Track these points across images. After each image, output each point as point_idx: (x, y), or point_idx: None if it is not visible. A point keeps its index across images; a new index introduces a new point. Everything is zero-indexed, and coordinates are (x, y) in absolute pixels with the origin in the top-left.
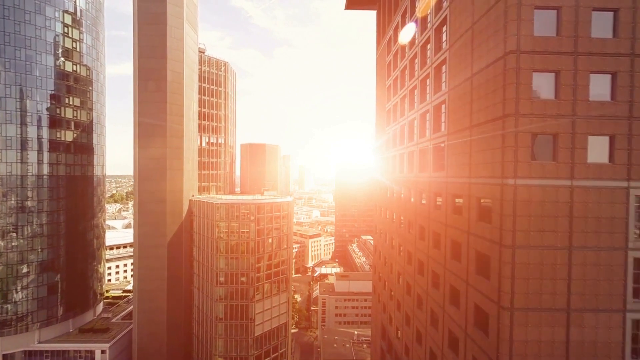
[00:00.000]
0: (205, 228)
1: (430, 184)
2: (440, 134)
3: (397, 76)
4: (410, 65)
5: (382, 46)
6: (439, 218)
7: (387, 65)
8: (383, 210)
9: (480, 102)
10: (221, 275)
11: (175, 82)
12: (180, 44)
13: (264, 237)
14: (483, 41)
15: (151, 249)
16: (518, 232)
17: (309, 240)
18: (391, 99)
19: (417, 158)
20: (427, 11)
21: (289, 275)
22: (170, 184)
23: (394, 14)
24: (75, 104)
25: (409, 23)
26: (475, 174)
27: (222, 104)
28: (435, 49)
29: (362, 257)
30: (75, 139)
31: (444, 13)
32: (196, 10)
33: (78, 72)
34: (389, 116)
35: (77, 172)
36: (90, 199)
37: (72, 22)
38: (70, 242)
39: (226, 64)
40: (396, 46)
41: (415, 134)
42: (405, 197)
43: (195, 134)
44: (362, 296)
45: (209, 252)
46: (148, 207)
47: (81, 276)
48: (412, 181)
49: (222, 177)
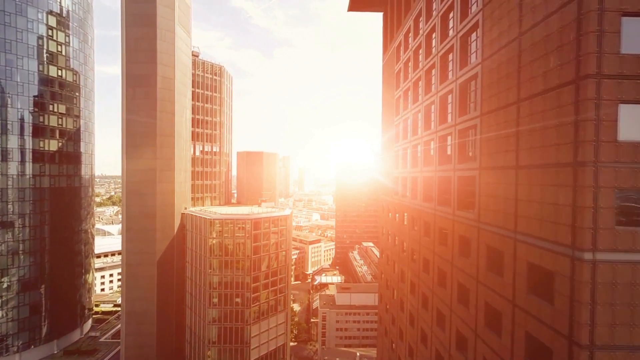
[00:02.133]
0: (197, 244)
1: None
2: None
3: (409, 87)
4: (425, 78)
5: (390, 52)
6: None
7: (396, 75)
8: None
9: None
10: (214, 295)
11: (166, 89)
12: (172, 48)
13: (261, 255)
14: None
15: (140, 267)
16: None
17: (309, 246)
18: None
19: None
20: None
21: (287, 293)
22: (160, 198)
23: (404, 17)
24: (60, 111)
25: (425, 28)
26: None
27: (217, 110)
28: (461, 61)
29: (364, 266)
30: (61, 148)
31: (475, 17)
32: (189, 12)
33: (63, 77)
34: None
35: (63, 183)
36: (77, 210)
37: (57, 24)
38: (55, 258)
39: (221, 68)
40: (407, 53)
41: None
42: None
43: (188, 142)
44: (364, 309)
45: (201, 270)
46: (136, 223)
47: (68, 293)
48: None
49: (217, 187)
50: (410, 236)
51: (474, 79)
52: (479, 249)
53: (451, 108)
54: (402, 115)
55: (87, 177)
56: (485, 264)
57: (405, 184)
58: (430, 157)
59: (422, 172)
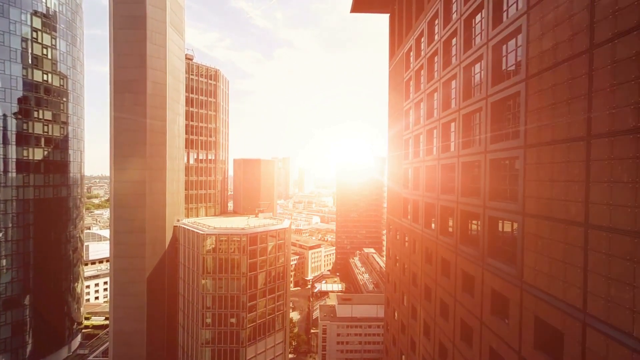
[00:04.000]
0: (190, 260)
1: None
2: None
3: (422, 99)
4: (443, 91)
5: (399, 57)
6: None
7: (405, 84)
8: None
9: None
10: (208, 316)
11: (157, 95)
12: (163, 51)
13: (258, 272)
14: None
15: (128, 285)
16: None
17: (309, 251)
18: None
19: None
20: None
21: (286, 310)
22: (150, 211)
23: (415, 19)
24: (46, 118)
25: (442, 33)
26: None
27: (212, 116)
28: (493, 75)
29: (365, 274)
30: (47, 157)
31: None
32: (182, 13)
33: (50, 81)
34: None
35: (49, 194)
36: (65, 222)
37: (42, 25)
38: (41, 272)
39: (217, 72)
40: (419, 60)
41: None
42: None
43: (181, 151)
44: (367, 322)
45: (194, 287)
46: (124, 238)
47: (55, 308)
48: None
49: (212, 196)
50: (423, 270)
51: (511, 99)
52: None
53: (479, 130)
54: (413, 131)
55: (75, 186)
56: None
57: (417, 208)
58: (452, 183)
59: (440, 200)
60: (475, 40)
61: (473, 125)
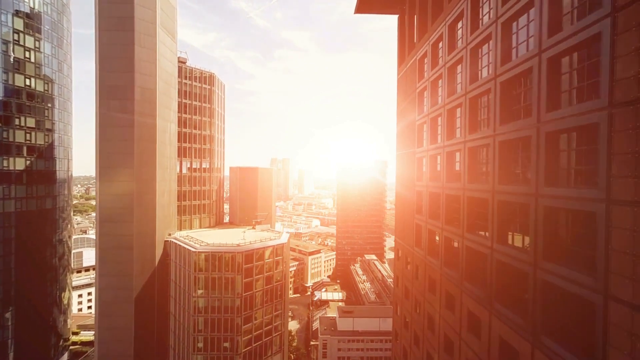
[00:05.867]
0: (181, 278)
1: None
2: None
3: (440, 115)
4: (470, 108)
5: (410, 63)
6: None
7: (418, 95)
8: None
9: None
10: (199, 340)
11: (146, 101)
12: (153, 55)
13: (254, 292)
14: None
15: (115, 305)
16: None
17: (309, 257)
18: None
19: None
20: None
21: (284, 331)
22: (139, 225)
23: (432, 22)
24: (29, 125)
25: (469, 38)
26: None
27: (207, 122)
28: (549, 99)
29: (367, 283)
30: (29, 167)
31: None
32: (174, 14)
33: (33, 87)
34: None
35: (32, 206)
36: (50, 233)
37: (24, 27)
38: (24, 289)
39: (212, 76)
40: (438, 70)
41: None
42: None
43: (173, 160)
44: (369, 336)
45: (185, 309)
46: (111, 255)
47: (38, 325)
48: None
49: (207, 207)
50: (442, 317)
51: (576, 130)
52: None
53: (521, 163)
54: (428, 150)
55: (62, 196)
56: None
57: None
58: (481, 220)
59: (465, 240)
60: (517, 49)
61: (517, 158)
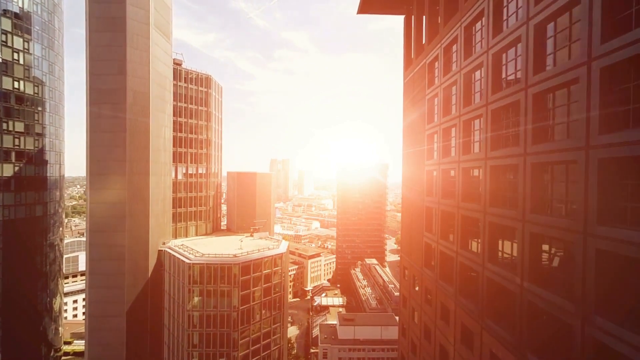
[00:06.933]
0: (175, 290)
1: None
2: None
3: (455, 126)
4: (491, 120)
5: (418, 67)
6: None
7: (428, 103)
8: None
9: None
10: (194, 355)
11: (139, 105)
12: (146, 57)
13: (251, 305)
14: None
15: (105, 319)
16: None
17: (308, 260)
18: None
19: None
20: None
21: (283, 344)
22: (130, 235)
23: (444, 23)
24: (17, 130)
25: (491, 42)
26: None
27: (204, 126)
28: (602, 118)
29: (367, 288)
30: (18, 173)
31: None
32: (169, 14)
33: (21, 89)
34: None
35: (21, 214)
36: (41, 239)
37: (12, 27)
38: (11, 299)
39: (209, 78)
40: (452, 76)
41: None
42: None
43: (167, 166)
44: (370, 345)
45: (179, 322)
46: (101, 267)
47: (28, 338)
48: None
49: (203, 214)
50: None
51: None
52: None
53: (550, 189)
54: (439, 163)
55: (53, 203)
56: None
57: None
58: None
59: (486, 270)
60: (555, 56)
61: (546, 183)
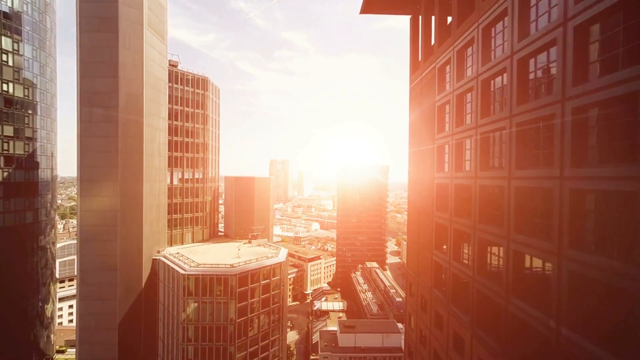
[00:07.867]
0: (170, 301)
1: None
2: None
3: (471, 137)
4: (516, 134)
5: (427, 71)
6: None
7: (438, 111)
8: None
9: None
10: None
11: (132, 109)
12: (139, 58)
13: (249, 317)
14: None
15: (96, 332)
16: None
17: (308, 263)
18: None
19: None
20: None
21: (282, 356)
22: (123, 244)
23: (458, 24)
24: (6, 134)
25: (517, 45)
26: None
27: (200, 129)
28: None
29: (368, 293)
30: (6, 179)
31: None
32: (164, 14)
33: (11, 92)
34: None
35: (10, 222)
36: (31, 245)
37: (1, 27)
38: (4, 308)
39: (206, 80)
40: (467, 82)
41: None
42: None
43: (162, 171)
44: (371, 353)
45: (174, 335)
46: (92, 278)
47: (17, 346)
48: None
49: (200, 219)
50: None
51: None
52: None
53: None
54: (452, 177)
55: (44, 209)
56: None
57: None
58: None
59: (509, 302)
60: (598, 65)
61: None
